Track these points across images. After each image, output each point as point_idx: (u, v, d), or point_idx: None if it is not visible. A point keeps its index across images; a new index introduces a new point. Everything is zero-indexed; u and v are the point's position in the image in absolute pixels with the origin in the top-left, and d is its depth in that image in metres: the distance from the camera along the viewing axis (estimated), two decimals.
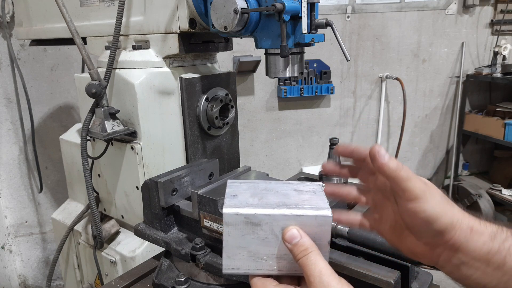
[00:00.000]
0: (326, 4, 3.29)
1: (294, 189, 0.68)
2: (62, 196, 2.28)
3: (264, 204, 0.61)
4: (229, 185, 0.68)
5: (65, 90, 2.84)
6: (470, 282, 0.63)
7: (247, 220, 0.60)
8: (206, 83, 1.42)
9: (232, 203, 0.61)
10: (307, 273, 0.58)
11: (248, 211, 0.60)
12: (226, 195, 0.64)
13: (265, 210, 0.60)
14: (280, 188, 0.68)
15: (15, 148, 2.83)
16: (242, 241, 0.61)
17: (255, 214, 0.59)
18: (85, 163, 1.36)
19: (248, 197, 0.64)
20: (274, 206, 0.61)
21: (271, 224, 0.60)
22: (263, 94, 3.36)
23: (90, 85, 1.29)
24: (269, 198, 0.64)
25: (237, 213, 0.59)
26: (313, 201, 0.64)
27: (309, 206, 0.61)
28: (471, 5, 3.52)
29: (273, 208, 0.60)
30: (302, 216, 0.60)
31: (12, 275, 3.01)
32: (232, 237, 0.60)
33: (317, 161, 3.64)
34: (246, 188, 0.67)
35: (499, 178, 3.82)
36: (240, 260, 0.62)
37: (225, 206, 0.60)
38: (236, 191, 0.66)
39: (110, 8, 1.43)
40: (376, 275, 0.77)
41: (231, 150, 1.58)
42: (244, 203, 0.61)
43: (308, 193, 0.67)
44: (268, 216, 0.60)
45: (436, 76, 3.72)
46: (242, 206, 0.61)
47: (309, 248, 0.59)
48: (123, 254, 1.46)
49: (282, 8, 1.02)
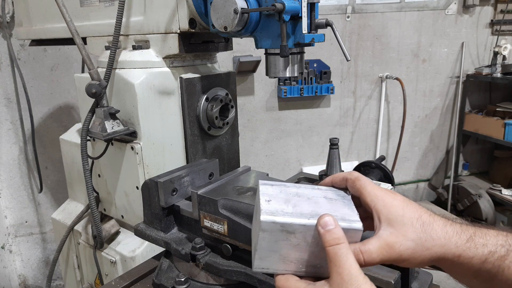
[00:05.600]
0: (326, 4, 3.29)
1: (324, 196, 0.70)
2: (62, 196, 2.28)
3: (298, 213, 0.64)
4: (261, 188, 0.71)
5: (65, 90, 2.84)
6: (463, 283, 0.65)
7: (283, 228, 0.62)
8: (206, 83, 1.42)
9: (268, 210, 0.64)
10: (337, 263, 0.58)
11: (284, 219, 0.62)
12: (261, 200, 0.67)
13: (301, 220, 0.62)
14: (310, 194, 0.71)
15: (15, 148, 2.83)
16: (275, 246, 0.63)
17: (291, 224, 0.62)
18: (85, 163, 1.36)
19: (282, 204, 0.66)
20: (309, 216, 0.63)
21: (305, 233, 0.62)
22: (263, 94, 3.36)
23: (90, 85, 1.29)
24: (302, 206, 0.66)
25: (274, 221, 0.62)
26: (344, 211, 0.66)
27: (341, 218, 0.63)
28: (471, 5, 3.52)
29: (307, 219, 0.63)
30: None
31: (12, 275, 3.01)
32: (267, 241, 0.63)
33: (317, 161, 3.64)
34: (278, 192, 0.70)
35: (499, 178, 3.82)
36: (271, 262, 0.65)
37: (262, 213, 0.63)
38: (270, 196, 0.68)
39: (110, 8, 1.43)
40: (376, 275, 0.77)
41: (231, 150, 1.58)
42: (280, 211, 0.64)
43: (338, 202, 0.69)
44: (303, 226, 0.62)
45: (436, 76, 3.72)
46: (278, 214, 0.63)
47: (341, 239, 0.59)
48: (123, 254, 1.46)
49: (282, 8, 1.02)
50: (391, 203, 0.63)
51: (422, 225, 0.61)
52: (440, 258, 0.60)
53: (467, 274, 0.61)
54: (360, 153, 3.73)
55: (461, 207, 3.67)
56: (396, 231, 0.61)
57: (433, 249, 0.60)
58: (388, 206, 0.63)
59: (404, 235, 0.60)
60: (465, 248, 0.59)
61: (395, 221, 0.61)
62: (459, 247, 0.60)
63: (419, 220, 0.61)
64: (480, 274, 0.59)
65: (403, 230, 0.60)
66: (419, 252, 0.60)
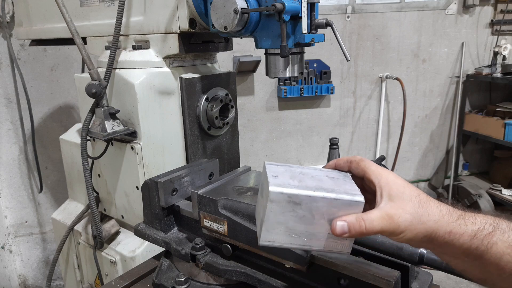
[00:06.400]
0: (326, 4, 3.29)
1: (327, 175, 0.75)
2: (62, 196, 2.28)
3: (304, 186, 0.67)
4: (267, 167, 0.74)
5: (65, 90, 2.84)
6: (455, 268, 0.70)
7: (290, 199, 0.66)
8: (206, 83, 1.42)
9: (276, 183, 0.67)
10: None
11: (291, 191, 0.66)
12: (268, 175, 0.70)
13: (307, 192, 0.66)
14: (314, 173, 0.74)
15: (15, 148, 2.83)
16: (282, 217, 0.67)
17: (297, 195, 0.66)
18: (85, 163, 1.36)
19: (289, 179, 0.69)
20: (314, 189, 0.67)
21: (310, 204, 0.66)
22: (263, 94, 3.36)
23: (90, 85, 1.29)
24: (307, 181, 0.70)
25: (282, 192, 0.65)
26: (346, 186, 0.70)
27: (344, 191, 0.68)
28: (471, 5, 3.52)
29: (313, 191, 0.66)
30: (338, 200, 0.66)
31: (12, 275, 3.01)
32: (274, 213, 0.66)
33: (317, 161, 3.64)
34: (283, 170, 0.73)
35: (499, 178, 3.82)
36: (277, 234, 0.68)
37: (271, 185, 0.66)
38: (276, 172, 0.71)
39: (110, 8, 1.43)
40: (376, 275, 0.77)
41: (231, 150, 1.58)
42: (287, 184, 0.67)
43: (340, 180, 0.73)
44: (308, 197, 0.66)
45: (436, 76, 3.72)
46: (285, 186, 0.66)
47: None
48: (123, 254, 1.46)
49: (282, 8, 1.02)
50: (394, 181, 0.69)
51: (420, 202, 0.66)
52: (433, 234, 0.64)
53: (458, 253, 0.65)
54: (360, 153, 3.73)
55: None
56: (396, 205, 0.66)
57: (427, 224, 0.64)
58: (390, 183, 0.68)
59: (403, 209, 0.65)
60: (456, 225, 0.64)
61: (396, 196, 0.67)
62: (451, 224, 0.64)
63: (417, 198, 0.67)
64: (470, 252, 0.63)
65: (403, 204, 0.66)
66: (415, 224, 0.64)
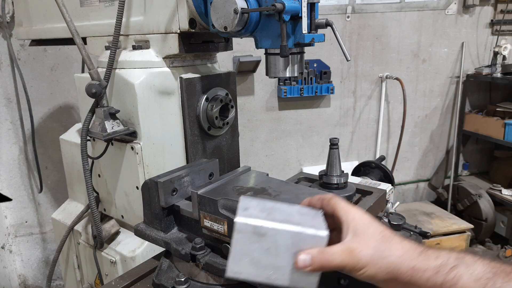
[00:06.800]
0: (326, 4, 3.29)
1: (298, 211, 0.76)
2: (62, 196, 2.28)
3: (271, 219, 0.69)
4: (241, 200, 0.77)
5: (65, 90, 2.84)
6: None
7: (255, 230, 0.68)
8: (206, 83, 1.42)
9: (243, 214, 0.70)
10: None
11: (256, 222, 0.68)
12: (239, 208, 0.72)
13: (272, 224, 0.68)
14: (285, 208, 0.76)
15: (15, 148, 2.83)
16: (247, 249, 0.68)
17: (262, 226, 0.68)
18: (85, 163, 1.36)
19: (258, 212, 0.72)
20: (280, 222, 0.69)
21: (275, 237, 0.68)
22: (263, 94, 3.36)
23: (90, 85, 1.29)
24: (276, 215, 0.71)
25: (247, 223, 0.68)
26: (313, 221, 0.72)
27: (309, 226, 0.69)
28: (471, 5, 3.52)
29: (278, 223, 0.68)
30: (302, 233, 0.68)
31: (12, 275, 3.01)
32: (240, 244, 0.68)
33: (317, 161, 3.64)
34: (255, 204, 0.75)
35: (499, 178, 3.82)
36: (244, 266, 0.69)
37: (238, 216, 0.69)
38: (248, 205, 0.74)
39: (110, 8, 1.43)
40: None
41: (231, 150, 1.58)
42: (254, 215, 0.70)
43: (309, 215, 0.75)
44: (273, 229, 0.68)
45: (436, 76, 3.72)
46: (252, 217, 0.69)
47: None
48: (123, 254, 1.46)
49: (282, 8, 1.02)
50: (360, 217, 0.70)
51: (383, 238, 0.68)
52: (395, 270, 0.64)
53: None
54: (360, 153, 3.73)
55: (461, 207, 3.67)
56: (359, 239, 0.68)
57: (389, 259, 0.65)
58: (356, 219, 0.70)
59: (365, 244, 0.67)
60: (419, 261, 0.64)
61: (360, 232, 0.68)
62: (414, 259, 0.64)
63: (381, 234, 0.68)
64: None
65: (366, 239, 0.67)
66: (376, 259, 0.65)
